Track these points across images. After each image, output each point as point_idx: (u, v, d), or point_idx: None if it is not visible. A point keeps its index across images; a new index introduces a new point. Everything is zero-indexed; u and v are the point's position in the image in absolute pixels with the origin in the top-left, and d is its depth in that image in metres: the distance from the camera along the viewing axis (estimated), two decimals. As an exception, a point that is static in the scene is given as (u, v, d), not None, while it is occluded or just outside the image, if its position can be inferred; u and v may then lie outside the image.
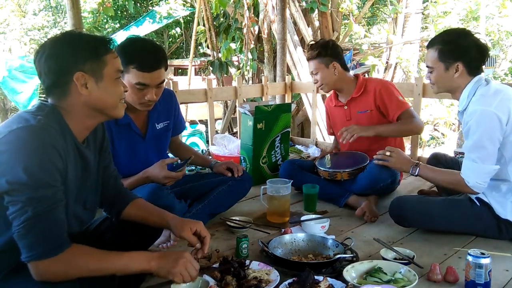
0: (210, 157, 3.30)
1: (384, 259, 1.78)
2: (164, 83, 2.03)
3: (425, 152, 6.04)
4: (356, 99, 2.73)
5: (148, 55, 1.93)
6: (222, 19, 6.46)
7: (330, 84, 2.72)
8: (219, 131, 5.83)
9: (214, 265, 1.67)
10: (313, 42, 2.80)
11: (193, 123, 7.05)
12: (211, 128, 3.90)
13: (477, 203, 2.04)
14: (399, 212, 2.17)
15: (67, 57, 1.27)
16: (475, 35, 2.00)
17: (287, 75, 4.65)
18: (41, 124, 1.20)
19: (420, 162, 2.18)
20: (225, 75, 6.42)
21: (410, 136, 3.58)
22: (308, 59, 2.76)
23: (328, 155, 2.85)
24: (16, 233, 1.16)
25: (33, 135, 1.18)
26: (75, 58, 1.27)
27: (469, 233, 2.11)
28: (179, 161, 2.30)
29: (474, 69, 2.00)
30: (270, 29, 5.70)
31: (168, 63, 2.08)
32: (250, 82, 6.68)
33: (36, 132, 1.19)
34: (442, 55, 2.01)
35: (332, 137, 3.17)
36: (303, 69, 5.58)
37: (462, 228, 2.09)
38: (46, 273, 1.19)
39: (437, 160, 2.58)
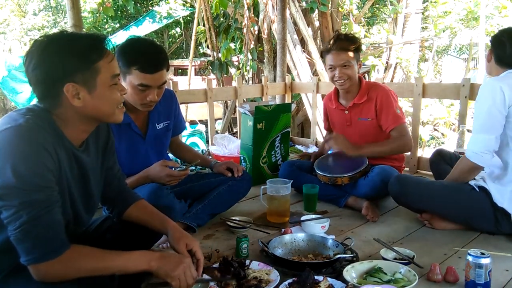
0: (210, 157, 3.31)
1: (384, 259, 1.78)
2: (165, 83, 2.03)
3: (425, 152, 6.03)
4: (359, 106, 2.65)
5: (150, 56, 1.93)
6: (222, 19, 6.46)
7: (352, 82, 2.61)
8: (219, 131, 5.83)
9: (214, 265, 1.67)
10: (342, 33, 2.61)
11: (193, 123, 7.03)
12: (211, 128, 3.90)
13: (477, 189, 2.08)
14: (398, 189, 2.22)
15: (55, 67, 1.18)
16: None
17: (287, 75, 4.65)
18: (29, 124, 1.16)
19: None
20: (225, 75, 6.42)
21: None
22: (342, 49, 2.53)
23: (324, 157, 2.80)
24: (13, 237, 1.14)
25: (21, 136, 1.14)
26: (65, 68, 1.19)
27: (465, 221, 2.14)
28: (181, 166, 2.30)
29: (504, 64, 2.04)
30: (270, 29, 5.70)
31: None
32: (250, 82, 6.68)
33: (25, 132, 1.15)
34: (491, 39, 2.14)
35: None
36: (303, 69, 5.58)
37: (458, 213, 2.12)
38: (46, 274, 1.18)
39: (441, 156, 2.60)
